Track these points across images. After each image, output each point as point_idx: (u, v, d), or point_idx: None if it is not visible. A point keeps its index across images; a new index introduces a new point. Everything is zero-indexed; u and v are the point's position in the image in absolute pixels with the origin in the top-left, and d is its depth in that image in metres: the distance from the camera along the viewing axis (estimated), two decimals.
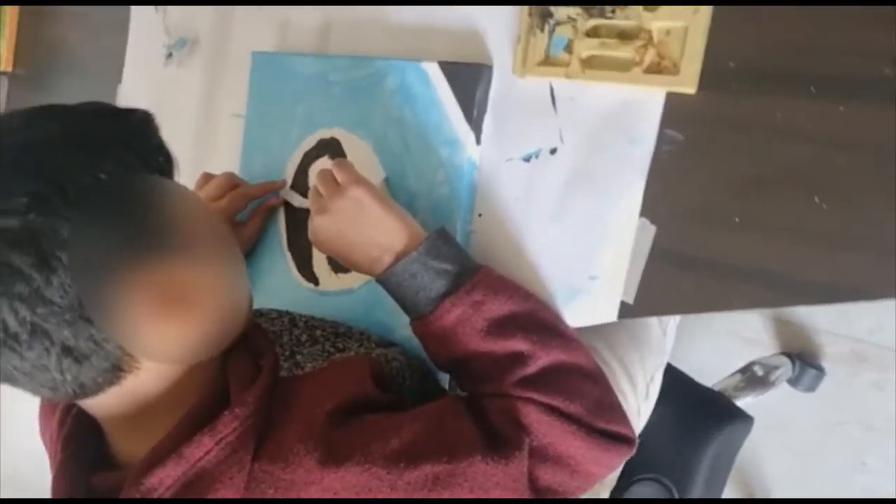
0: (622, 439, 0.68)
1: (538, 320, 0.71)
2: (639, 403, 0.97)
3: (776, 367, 1.38)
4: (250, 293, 0.66)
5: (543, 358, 0.67)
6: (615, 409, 0.70)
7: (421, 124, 0.83)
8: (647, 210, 0.70)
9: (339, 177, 0.76)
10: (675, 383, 1.05)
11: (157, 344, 0.55)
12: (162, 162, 0.59)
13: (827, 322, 1.41)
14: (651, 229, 0.70)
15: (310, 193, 0.80)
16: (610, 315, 0.73)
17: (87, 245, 0.51)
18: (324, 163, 0.91)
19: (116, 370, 0.55)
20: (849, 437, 1.38)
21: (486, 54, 0.80)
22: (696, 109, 0.68)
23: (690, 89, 0.67)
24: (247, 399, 0.58)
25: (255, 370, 0.62)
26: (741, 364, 1.43)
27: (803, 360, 1.39)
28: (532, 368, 0.67)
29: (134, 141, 0.57)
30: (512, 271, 0.77)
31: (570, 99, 0.75)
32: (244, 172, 1.00)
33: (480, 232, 0.80)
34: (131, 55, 1.17)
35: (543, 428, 0.65)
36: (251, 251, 0.97)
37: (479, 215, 0.80)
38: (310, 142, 0.93)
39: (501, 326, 0.68)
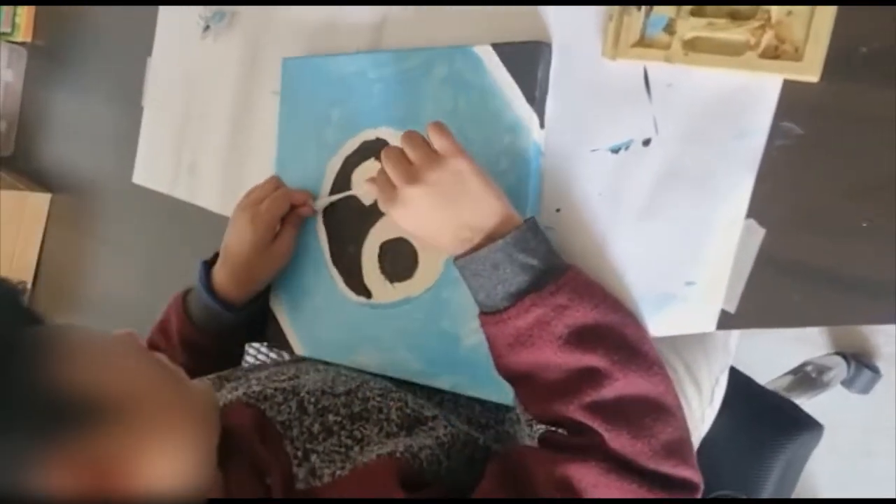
0: (687, 486, 0.61)
1: (622, 336, 0.63)
2: (703, 409, 0.91)
3: (830, 368, 1.32)
4: (216, 435, 0.60)
5: (620, 381, 0.60)
6: (684, 450, 0.62)
7: (477, 112, 0.76)
8: (756, 210, 0.63)
9: (438, 143, 0.67)
10: (738, 386, 0.99)
11: None
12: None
13: None
14: (759, 232, 0.63)
15: (378, 173, 0.71)
16: (707, 325, 0.66)
17: None
18: (370, 166, 0.85)
19: None
20: None
21: (544, 32, 0.74)
22: (819, 100, 0.61)
23: (813, 77, 0.60)
24: None
25: (261, 488, 0.57)
26: (790, 364, 1.37)
27: (858, 360, 1.33)
28: (606, 392, 0.60)
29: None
30: (594, 273, 0.70)
31: (667, 85, 0.67)
32: None
33: (559, 229, 0.73)
34: (163, 27, 1.09)
35: (600, 491, 0.58)
36: (291, 269, 0.90)
37: (558, 210, 0.73)
38: (351, 145, 0.86)
39: (582, 337, 0.62)
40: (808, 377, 1.31)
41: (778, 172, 0.63)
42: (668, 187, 0.67)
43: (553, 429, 0.65)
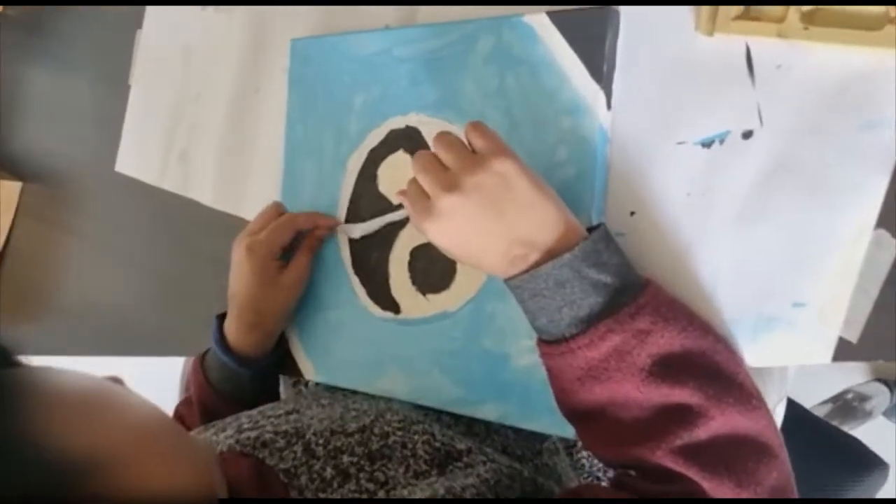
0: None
1: (715, 365, 0.53)
2: None
3: (871, 396, 1.22)
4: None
5: (717, 419, 0.50)
6: (791, 493, 0.52)
7: (529, 92, 0.65)
8: (888, 220, 0.52)
9: (478, 143, 0.56)
10: (796, 419, 0.89)
11: None
12: None
13: None
14: (892, 245, 0.52)
15: (409, 185, 0.60)
16: (822, 356, 0.55)
17: None
18: (399, 158, 0.73)
19: None
20: None
21: None
22: None
23: None
24: None
25: None
26: (824, 390, 1.27)
27: None
28: (700, 432, 0.50)
29: None
30: (679, 289, 0.59)
31: (775, 67, 0.56)
32: (288, 188, 0.81)
33: (632, 235, 0.62)
34: None
35: None
36: (309, 284, 0.78)
37: (632, 214, 0.62)
38: (376, 136, 0.74)
39: (668, 368, 0.51)
40: (848, 405, 1.21)
41: None
42: (774, 188, 0.56)
43: (627, 471, 0.53)
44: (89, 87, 1.06)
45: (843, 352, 0.54)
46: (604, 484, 0.72)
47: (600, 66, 0.62)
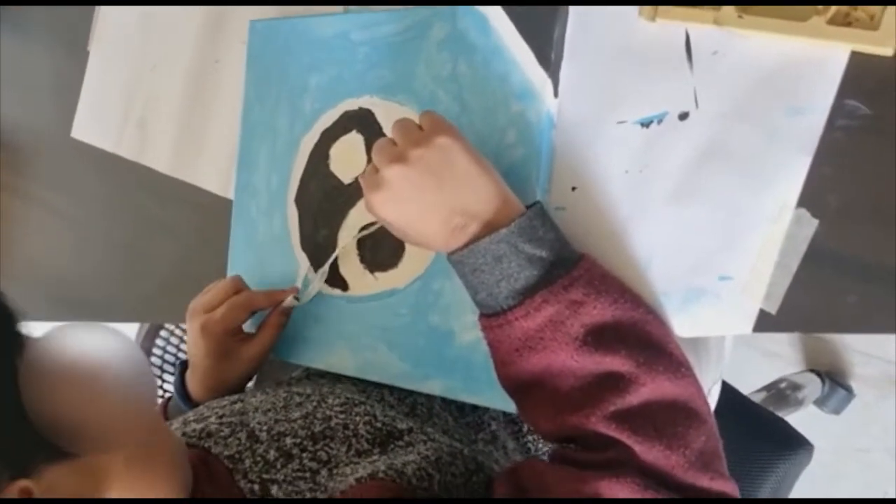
0: (725, 501, 0.53)
1: (645, 334, 0.56)
2: None
3: (804, 386, 1.27)
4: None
5: (647, 385, 0.53)
6: (719, 459, 0.54)
7: (480, 78, 0.67)
8: (809, 199, 0.56)
9: (425, 122, 0.59)
10: (730, 401, 0.92)
11: None
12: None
13: (859, 340, 1.31)
14: (812, 223, 0.56)
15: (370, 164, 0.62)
16: (743, 326, 0.58)
17: None
18: (351, 139, 0.74)
19: None
20: (872, 465, 1.28)
21: None
22: (892, 76, 0.53)
23: (888, 50, 0.53)
24: None
25: None
26: (759, 379, 1.32)
27: (833, 379, 1.29)
28: (632, 398, 0.52)
29: None
30: (612, 262, 0.61)
31: (712, 53, 0.59)
32: (243, 165, 0.82)
33: (572, 209, 0.64)
34: None
35: None
36: (254, 256, 0.79)
37: (573, 189, 0.65)
38: (330, 117, 0.76)
39: (601, 337, 0.54)
40: (782, 394, 1.26)
41: (838, 157, 0.55)
42: (706, 168, 0.59)
43: (566, 445, 0.56)
44: (47, 51, 1.06)
45: (763, 323, 0.58)
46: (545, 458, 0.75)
47: (548, 54, 0.64)
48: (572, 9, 0.64)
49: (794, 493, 1.29)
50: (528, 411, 0.59)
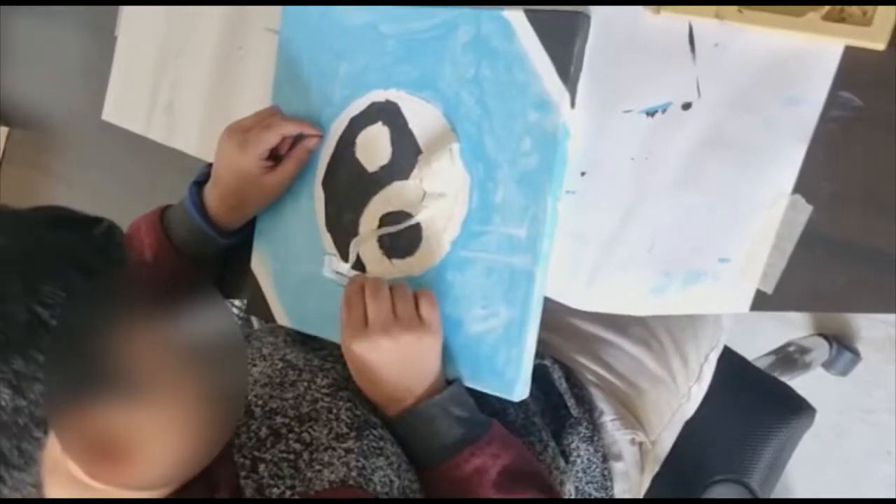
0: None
1: (537, 473, 0.70)
2: (689, 385, 0.89)
3: (812, 349, 1.31)
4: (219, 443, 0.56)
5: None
6: None
7: (501, 83, 0.70)
8: (804, 186, 0.59)
9: (426, 312, 0.69)
10: (733, 367, 0.97)
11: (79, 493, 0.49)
12: None
13: None
14: (806, 209, 0.59)
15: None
16: (741, 305, 0.62)
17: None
18: (378, 130, 0.77)
19: None
20: (876, 425, 1.33)
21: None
22: (883, 71, 0.56)
23: (880, 45, 0.56)
24: None
25: None
26: (770, 344, 1.35)
27: (840, 342, 1.32)
28: None
29: (92, 262, 0.50)
30: (619, 244, 0.65)
31: (714, 45, 0.62)
32: None
33: (582, 193, 0.68)
34: None
35: None
36: (280, 229, 0.84)
37: (583, 174, 0.68)
38: (358, 105, 0.79)
39: (514, 478, 0.67)
40: (790, 358, 1.29)
41: (831, 146, 0.58)
42: (707, 156, 0.63)
43: None
44: (76, 35, 1.10)
45: (760, 302, 0.61)
46: None
47: (568, 67, 0.67)
48: (594, 20, 0.67)
49: (800, 454, 1.34)
50: None
